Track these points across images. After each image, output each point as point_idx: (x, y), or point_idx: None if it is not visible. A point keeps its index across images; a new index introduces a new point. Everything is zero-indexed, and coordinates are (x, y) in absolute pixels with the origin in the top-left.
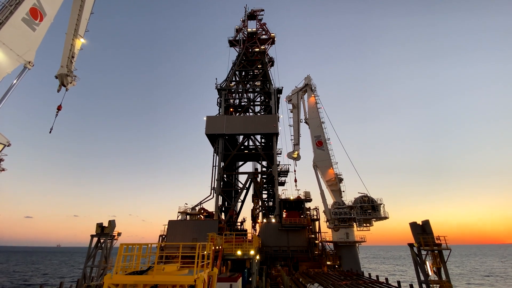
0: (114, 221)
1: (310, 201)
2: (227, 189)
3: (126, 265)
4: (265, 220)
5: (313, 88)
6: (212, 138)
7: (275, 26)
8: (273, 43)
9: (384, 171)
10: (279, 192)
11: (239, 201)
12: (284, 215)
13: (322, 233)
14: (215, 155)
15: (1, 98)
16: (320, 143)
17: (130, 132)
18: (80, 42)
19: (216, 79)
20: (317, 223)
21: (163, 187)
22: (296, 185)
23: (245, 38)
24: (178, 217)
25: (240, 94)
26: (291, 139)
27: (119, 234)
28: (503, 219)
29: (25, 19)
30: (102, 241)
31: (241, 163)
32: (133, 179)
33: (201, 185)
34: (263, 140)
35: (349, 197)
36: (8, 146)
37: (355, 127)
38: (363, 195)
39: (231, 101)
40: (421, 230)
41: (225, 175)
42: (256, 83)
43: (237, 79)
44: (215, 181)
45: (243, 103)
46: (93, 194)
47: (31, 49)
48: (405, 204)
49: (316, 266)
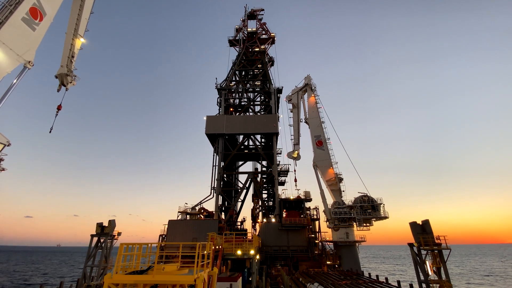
0: (114, 220)
1: (310, 200)
2: (227, 188)
3: (126, 264)
4: (265, 219)
5: (313, 87)
6: (212, 138)
7: (275, 25)
8: (273, 42)
9: (384, 171)
10: (279, 191)
11: (239, 200)
12: (284, 215)
13: (322, 233)
14: (215, 154)
15: (1, 97)
16: (320, 143)
17: (130, 132)
18: (80, 41)
19: (216, 78)
20: (317, 222)
21: (163, 187)
22: (296, 185)
23: (245, 37)
24: (178, 216)
25: (240, 93)
26: (291, 139)
27: (119, 233)
28: (503, 218)
29: (25, 18)
30: (102, 240)
31: (241, 163)
32: (133, 178)
33: (201, 185)
34: (263, 139)
35: (349, 197)
36: (8, 145)
37: (355, 127)
38: (363, 194)
39: (231, 100)
40: (421, 229)
41: (225, 175)
42: (256, 83)
43: (237, 78)
44: (215, 181)
45: (243, 103)
46: (93, 194)
47: (31, 48)
48: (405, 203)
49: (316, 265)
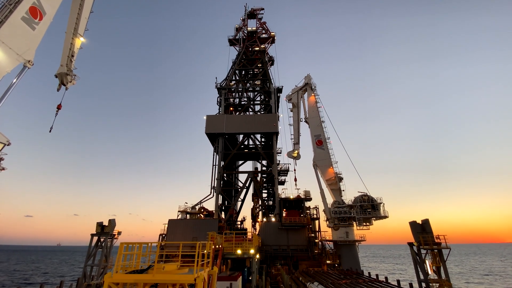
0: (114, 220)
1: (310, 200)
2: (227, 188)
3: (126, 264)
4: (265, 219)
5: (313, 87)
6: (212, 137)
7: (275, 25)
8: (273, 42)
9: (384, 171)
10: (279, 191)
11: (239, 200)
12: (284, 214)
13: (322, 232)
14: (215, 154)
15: (1, 97)
16: (320, 142)
17: (130, 131)
18: (80, 41)
19: (216, 78)
20: (317, 222)
21: (163, 186)
22: (296, 184)
23: (245, 37)
24: (178, 216)
25: (240, 93)
26: (291, 138)
27: (119, 233)
28: (502, 218)
29: (24, 18)
30: (102, 240)
31: (241, 162)
32: (133, 178)
33: (201, 184)
34: (263, 139)
35: (349, 196)
36: (8, 145)
37: (355, 127)
38: (363, 194)
39: (231, 100)
40: (421, 229)
41: (225, 174)
42: (256, 82)
43: (237, 78)
44: (215, 180)
45: (243, 102)
46: (93, 193)
47: (30, 48)
48: (405, 203)
49: (316, 265)
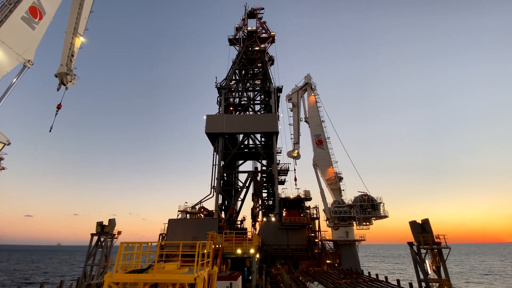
0: (114, 219)
1: (310, 200)
2: (227, 188)
3: (126, 263)
4: (265, 218)
5: (313, 87)
6: (212, 137)
7: (275, 24)
8: (273, 41)
9: (384, 170)
10: (279, 191)
11: (239, 200)
12: (284, 214)
13: (321, 232)
14: (215, 154)
15: (1, 96)
16: (320, 142)
17: (130, 131)
18: (79, 40)
19: (216, 77)
20: (317, 221)
21: (163, 186)
22: (296, 184)
23: (245, 36)
24: (178, 215)
25: (240, 93)
26: (291, 138)
27: (119, 232)
28: (502, 218)
29: (24, 17)
30: (102, 239)
31: (241, 162)
32: (133, 178)
33: (201, 184)
34: (263, 139)
35: (349, 196)
36: (8, 145)
37: (355, 127)
38: (362, 194)
39: (231, 100)
40: (421, 228)
41: (225, 174)
42: (256, 82)
43: (237, 77)
44: (215, 180)
45: (243, 102)
46: (93, 193)
47: (30, 47)
48: (404, 203)
49: (316, 264)
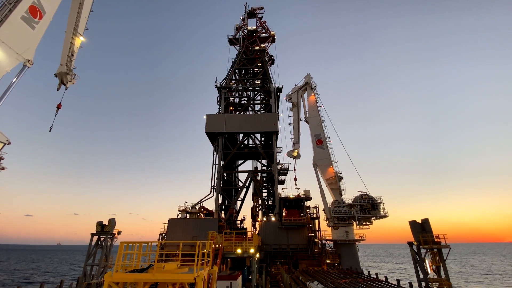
0: (114, 219)
1: (310, 199)
2: (227, 187)
3: (126, 263)
4: (265, 218)
5: (313, 86)
6: (212, 136)
7: (275, 24)
8: (273, 41)
9: (384, 170)
10: (279, 190)
11: (239, 199)
12: (284, 214)
13: (321, 232)
14: (215, 153)
15: (0, 96)
16: (320, 142)
17: (130, 131)
18: (79, 40)
19: (216, 77)
20: (316, 221)
21: (163, 186)
22: (296, 184)
23: (245, 36)
24: (178, 215)
25: (240, 92)
26: (291, 138)
27: (119, 232)
28: (502, 217)
29: (24, 17)
30: (102, 239)
31: (241, 162)
32: (133, 177)
33: (201, 184)
34: (263, 138)
35: (348, 196)
36: (8, 144)
37: (355, 127)
38: (362, 193)
39: (231, 99)
40: (421, 228)
41: (225, 174)
42: (256, 82)
43: (237, 77)
44: (215, 180)
45: (243, 102)
46: (93, 192)
47: (30, 47)
48: (404, 202)
49: (315, 264)
